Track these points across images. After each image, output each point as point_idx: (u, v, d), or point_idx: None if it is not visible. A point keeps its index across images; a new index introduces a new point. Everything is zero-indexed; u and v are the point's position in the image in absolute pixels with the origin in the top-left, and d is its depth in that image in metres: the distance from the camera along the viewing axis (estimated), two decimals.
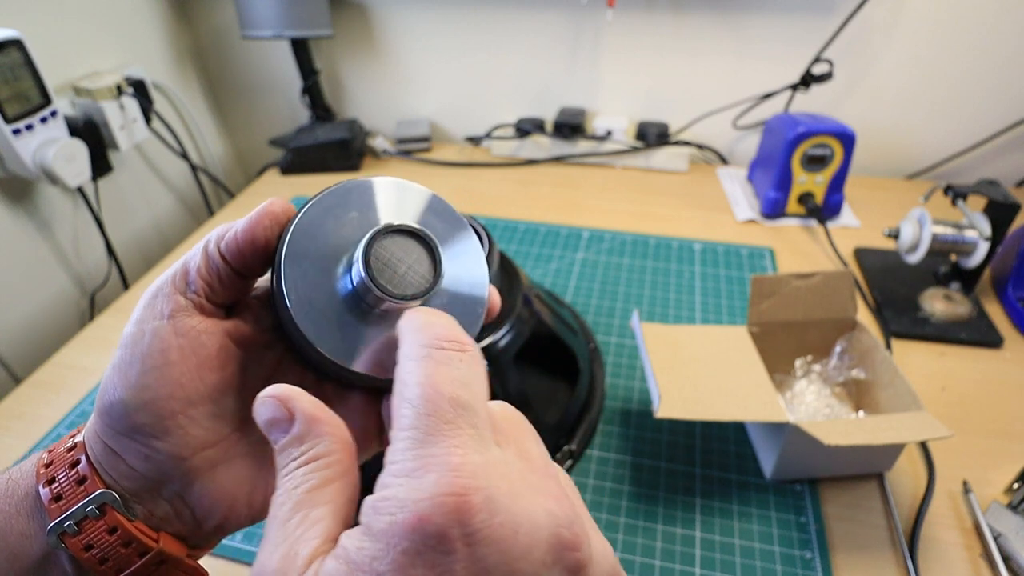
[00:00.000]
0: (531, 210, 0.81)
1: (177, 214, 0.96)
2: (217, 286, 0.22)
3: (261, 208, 0.22)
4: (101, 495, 0.21)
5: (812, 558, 0.42)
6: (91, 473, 0.21)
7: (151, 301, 0.23)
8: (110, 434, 0.21)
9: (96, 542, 0.21)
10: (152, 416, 0.21)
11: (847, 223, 0.77)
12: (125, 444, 0.21)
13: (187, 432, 0.21)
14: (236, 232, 0.22)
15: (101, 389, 0.22)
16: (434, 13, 0.92)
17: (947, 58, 0.80)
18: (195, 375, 0.21)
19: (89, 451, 0.22)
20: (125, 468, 0.21)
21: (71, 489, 0.21)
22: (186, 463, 0.21)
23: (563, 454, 0.48)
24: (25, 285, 0.72)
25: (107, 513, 0.21)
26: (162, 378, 0.21)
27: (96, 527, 0.21)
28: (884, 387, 0.47)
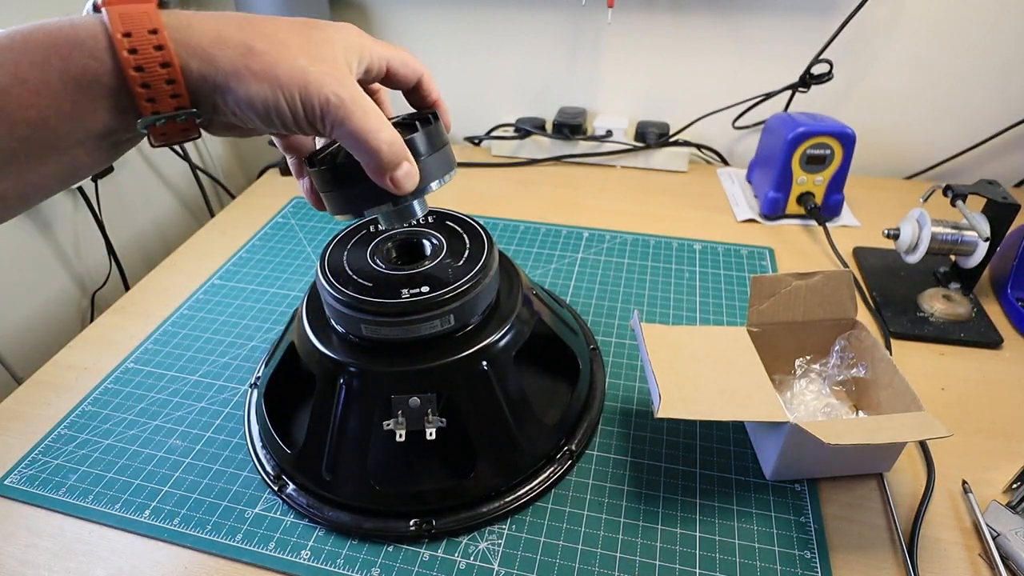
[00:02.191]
0: (531, 210, 0.81)
1: (177, 214, 0.96)
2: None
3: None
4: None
5: (812, 558, 0.42)
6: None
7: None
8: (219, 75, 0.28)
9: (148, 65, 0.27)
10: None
11: (847, 223, 0.77)
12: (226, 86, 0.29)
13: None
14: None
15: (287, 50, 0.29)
16: (434, 13, 0.92)
17: (947, 58, 0.80)
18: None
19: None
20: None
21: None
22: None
23: (563, 454, 0.48)
24: (25, 285, 0.72)
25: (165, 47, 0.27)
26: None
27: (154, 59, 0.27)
28: (884, 387, 0.47)
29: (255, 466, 0.49)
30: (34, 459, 0.50)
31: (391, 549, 0.43)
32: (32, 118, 0.25)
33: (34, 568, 0.43)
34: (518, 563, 0.42)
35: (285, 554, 0.43)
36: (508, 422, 0.44)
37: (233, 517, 0.45)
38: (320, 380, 0.45)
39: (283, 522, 0.45)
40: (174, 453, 0.50)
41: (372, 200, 0.35)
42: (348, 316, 0.42)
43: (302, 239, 0.77)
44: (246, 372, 0.58)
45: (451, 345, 0.43)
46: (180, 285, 0.70)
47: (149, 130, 0.28)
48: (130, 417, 0.54)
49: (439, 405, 0.42)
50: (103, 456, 0.50)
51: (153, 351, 0.60)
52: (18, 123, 0.25)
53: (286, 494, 0.46)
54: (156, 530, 0.45)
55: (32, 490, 0.48)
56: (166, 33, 0.27)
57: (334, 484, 0.44)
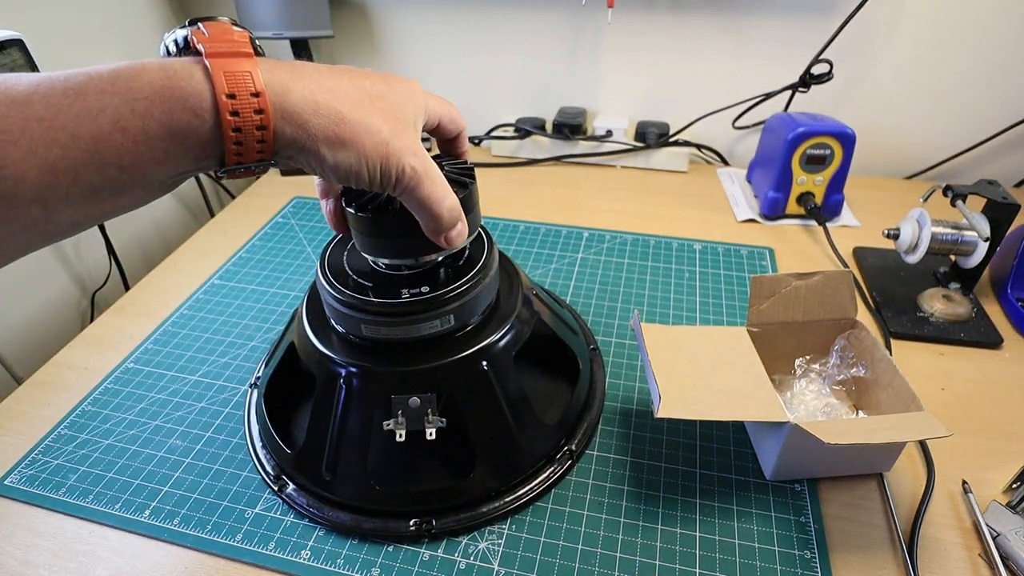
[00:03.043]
0: (531, 210, 0.81)
1: (177, 214, 0.96)
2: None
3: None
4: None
5: (812, 558, 0.42)
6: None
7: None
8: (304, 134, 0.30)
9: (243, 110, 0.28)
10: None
11: (847, 223, 0.77)
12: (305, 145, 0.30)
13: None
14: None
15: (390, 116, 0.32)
16: (434, 13, 0.92)
17: (947, 58, 0.80)
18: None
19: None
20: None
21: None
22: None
23: (563, 454, 0.48)
24: (25, 285, 0.72)
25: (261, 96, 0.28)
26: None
27: (249, 104, 0.28)
28: (883, 387, 0.47)
29: (255, 466, 0.49)
30: (34, 459, 0.50)
31: (391, 549, 0.43)
32: (125, 163, 0.26)
33: (34, 568, 0.43)
34: (518, 563, 0.42)
35: (285, 554, 0.43)
36: (508, 422, 0.44)
37: (233, 517, 0.45)
38: (320, 380, 0.45)
39: (283, 522, 0.45)
40: (174, 453, 0.50)
41: (408, 252, 0.40)
42: (348, 316, 0.42)
43: (302, 239, 0.77)
44: (246, 372, 0.58)
45: (451, 345, 0.43)
46: (180, 285, 0.70)
47: (227, 174, 0.30)
48: (130, 417, 0.54)
49: (439, 405, 0.42)
50: (103, 456, 0.50)
51: (153, 351, 0.60)
52: (110, 166, 0.26)
53: (286, 494, 0.46)
54: (156, 530, 0.45)
55: (32, 490, 0.48)
56: (268, 98, 0.28)
57: (334, 484, 0.44)
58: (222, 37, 0.29)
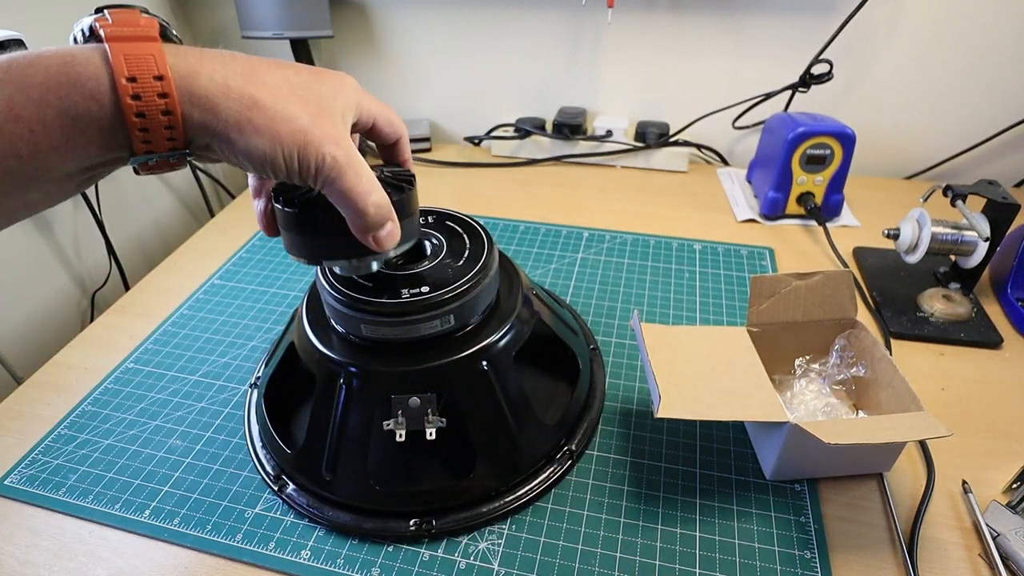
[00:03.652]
0: (531, 210, 0.81)
1: (177, 214, 0.96)
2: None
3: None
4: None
5: (812, 558, 0.42)
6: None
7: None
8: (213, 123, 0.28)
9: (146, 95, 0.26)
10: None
11: (847, 223, 0.77)
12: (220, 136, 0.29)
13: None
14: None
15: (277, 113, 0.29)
16: (434, 13, 0.92)
17: (947, 58, 0.80)
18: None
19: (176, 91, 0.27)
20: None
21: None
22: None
23: (563, 454, 0.48)
24: (25, 285, 0.72)
25: (165, 79, 0.27)
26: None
27: (152, 89, 0.27)
28: (883, 387, 0.47)
29: (255, 466, 0.49)
30: (34, 459, 0.50)
31: (391, 549, 0.43)
32: (22, 153, 0.25)
33: (34, 568, 0.43)
34: (518, 563, 0.42)
35: (285, 554, 0.43)
36: (508, 422, 0.44)
37: (233, 517, 0.45)
38: (320, 380, 0.45)
39: (283, 522, 0.45)
40: (174, 453, 0.50)
41: (337, 252, 0.37)
42: (348, 316, 0.42)
43: None
44: (246, 372, 0.58)
45: (451, 345, 0.43)
46: (180, 285, 0.70)
47: (139, 166, 0.29)
48: (130, 417, 0.54)
49: (439, 405, 0.42)
50: (103, 456, 0.50)
51: (153, 351, 0.60)
52: (7, 156, 0.25)
53: (286, 494, 0.46)
54: (156, 530, 0.45)
55: (32, 490, 0.48)
56: (172, 81, 0.27)
57: (334, 484, 0.44)
58: (127, 22, 0.28)
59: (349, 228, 0.34)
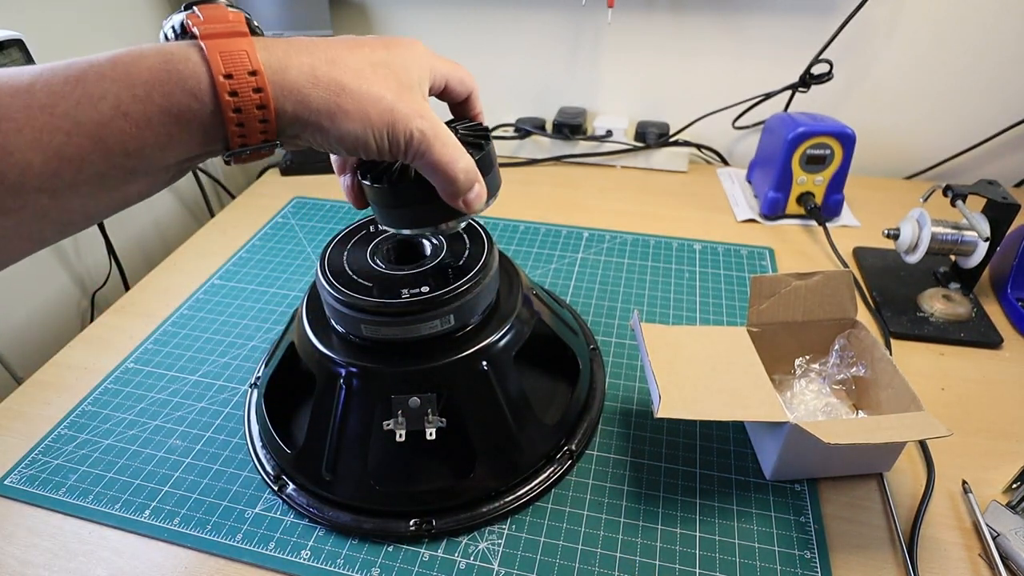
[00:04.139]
0: (531, 210, 0.81)
1: (177, 214, 0.96)
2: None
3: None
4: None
5: (812, 558, 0.42)
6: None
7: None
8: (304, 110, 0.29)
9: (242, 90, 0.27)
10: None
11: (847, 223, 0.77)
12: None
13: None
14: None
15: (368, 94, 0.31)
16: (434, 13, 0.92)
17: (947, 58, 0.80)
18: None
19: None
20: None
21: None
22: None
23: (563, 454, 0.48)
24: (25, 285, 0.72)
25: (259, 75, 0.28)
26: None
27: (248, 84, 0.28)
28: (883, 387, 0.47)
29: (255, 466, 0.49)
30: (34, 459, 0.50)
31: (391, 549, 0.43)
32: (129, 148, 0.26)
33: (34, 568, 0.43)
34: (518, 563, 0.42)
35: (285, 554, 0.43)
36: (508, 422, 0.44)
37: (233, 517, 0.45)
38: (320, 380, 0.45)
39: (283, 522, 0.45)
40: (174, 453, 0.50)
41: (429, 219, 0.38)
42: (348, 316, 0.42)
43: (302, 239, 0.77)
44: (246, 372, 0.58)
45: (451, 345, 0.43)
46: (180, 285, 0.70)
47: (233, 157, 0.30)
48: (130, 417, 0.54)
49: (439, 405, 0.42)
50: (103, 456, 0.50)
51: (153, 351, 0.60)
52: (115, 152, 0.26)
53: (286, 494, 0.46)
54: (156, 530, 0.45)
55: (32, 490, 0.48)
56: (265, 76, 0.28)
57: (334, 484, 0.44)
58: (217, 18, 0.29)
59: (437, 195, 0.35)
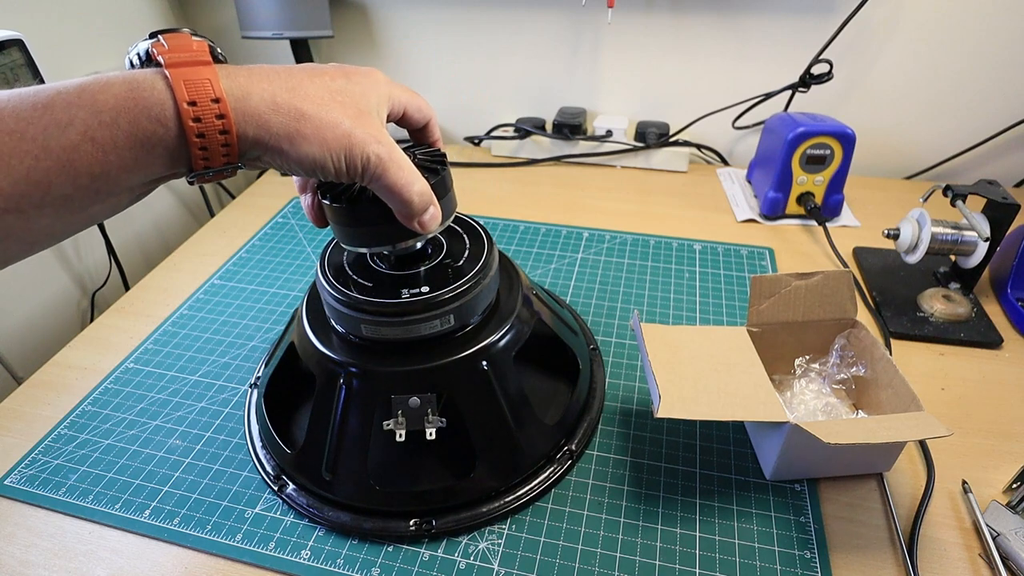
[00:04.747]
0: (531, 210, 0.81)
1: (177, 214, 0.96)
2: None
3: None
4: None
5: (812, 558, 0.42)
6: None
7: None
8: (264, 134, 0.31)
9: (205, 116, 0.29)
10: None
11: (847, 223, 0.77)
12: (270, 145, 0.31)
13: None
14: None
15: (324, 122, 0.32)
16: (434, 13, 0.92)
17: (947, 58, 0.80)
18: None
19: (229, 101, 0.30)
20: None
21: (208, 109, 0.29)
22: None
23: (563, 454, 0.48)
24: (25, 285, 0.72)
25: (221, 102, 0.29)
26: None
27: (210, 111, 0.29)
28: (883, 387, 0.47)
29: (255, 466, 0.49)
30: (34, 459, 0.50)
31: (391, 549, 0.43)
32: (95, 171, 0.27)
33: (34, 568, 0.43)
34: (518, 563, 0.42)
35: (285, 554, 0.43)
36: (508, 422, 0.44)
37: (233, 517, 0.45)
38: (320, 380, 0.45)
39: (283, 522, 0.45)
40: (174, 453, 0.50)
41: (385, 239, 0.40)
42: (348, 316, 0.42)
43: (302, 239, 0.77)
44: (246, 372, 0.58)
45: (451, 345, 0.43)
46: (180, 285, 0.70)
47: (196, 178, 0.31)
48: (130, 417, 0.54)
49: (439, 405, 0.42)
50: (103, 456, 0.50)
51: (153, 351, 0.60)
52: (82, 175, 0.27)
53: (286, 494, 0.46)
54: (156, 530, 0.45)
55: (32, 490, 0.48)
56: (228, 103, 0.29)
57: (334, 484, 0.44)
58: (182, 47, 0.30)
59: (393, 215, 0.37)
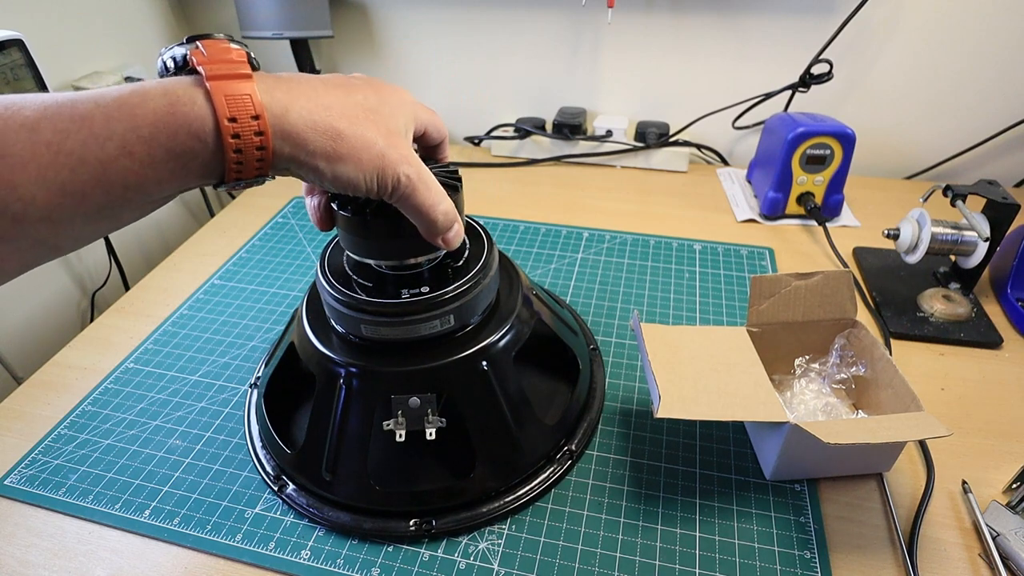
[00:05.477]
0: (531, 210, 0.81)
1: (177, 214, 0.96)
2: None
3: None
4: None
5: (812, 558, 0.42)
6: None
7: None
8: (297, 152, 0.31)
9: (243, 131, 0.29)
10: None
11: (847, 223, 0.77)
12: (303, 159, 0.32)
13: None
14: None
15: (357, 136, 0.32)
16: (434, 13, 0.92)
17: (947, 58, 0.80)
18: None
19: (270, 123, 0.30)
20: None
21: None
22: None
23: (563, 454, 0.48)
24: (25, 285, 0.72)
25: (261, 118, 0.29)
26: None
27: (249, 125, 0.29)
28: (883, 387, 0.47)
29: (255, 466, 0.49)
30: (34, 459, 0.50)
31: (391, 549, 0.43)
32: (130, 183, 0.28)
33: (34, 568, 0.43)
34: (518, 563, 0.42)
35: (285, 554, 0.43)
36: (508, 422, 0.44)
37: (233, 517, 0.45)
38: (320, 380, 0.45)
39: (283, 522, 0.45)
40: (174, 453, 0.50)
41: (401, 253, 0.41)
42: (348, 316, 0.42)
43: (302, 239, 0.77)
44: (246, 372, 0.58)
45: (451, 345, 0.43)
46: (180, 285, 0.70)
47: (225, 188, 0.31)
48: (130, 417, 0.54)
49: (439, 405, 0.42)
50: (103, 456, 0.50)
51: (153, 351, 0.60)
52: (116, 187, 0.27)
53: (286, 494, 0.46)
54: (156, 530, 0.45)
55: (32, 490, 0.48)
56: (267, 120, 0.29)
57: (334, 484, 0.44)
58: (221, 57, 0.30)
59: (406, 233, 0.38)
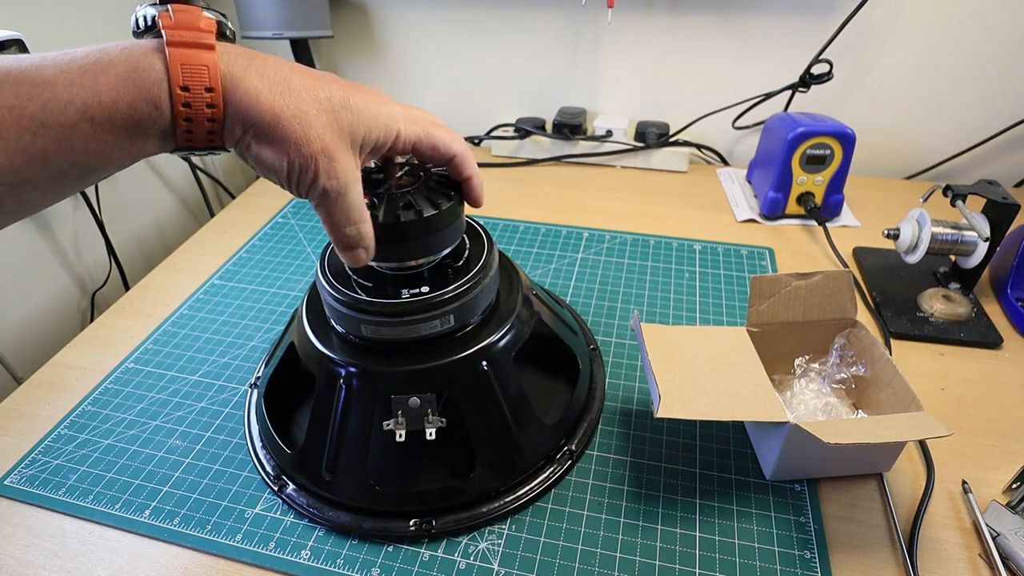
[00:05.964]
0: (531, 210, 0.81)
1: (177, 214, 0.96)
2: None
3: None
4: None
5: (812, 558, 0.42)
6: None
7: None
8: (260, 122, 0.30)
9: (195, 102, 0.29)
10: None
11: (847, 223, 0.77)
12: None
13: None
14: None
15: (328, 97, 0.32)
16: (434, 13, 0.92)
17: (947, 58, 0.80)
18: None
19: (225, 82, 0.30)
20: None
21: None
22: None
23: (563, 454, 0.48)
24: (25, 285, 0.72)
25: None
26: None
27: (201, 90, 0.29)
28: (883, 387, 0.47)
29: (255, 466, 0.49)
30: (34, 459, 0.50)
31: (391, 549, 0.43)
32: (91, 149, 0.28)
33: (34, 568, 0.43)
34: (518, 563, 0.42)
35: (285, 554, 0.43)
36: (508, 422, 0.44)
37: (233, 517, 0.45)
38: (320, 380, 0.45)
39: (283, 522, 0.45)
40: (174, 453, 0.50)
41: (388, 257, 0.41)
42: (348, 316, 0.42)
43: (302, 239, 0.77)
44: (246, 372, 0.58)
45: (451, 345, 0.43)
46: (180, 285, 0.70)
47: (180, 153, 0.32)
48: (130, 417, 0.54)
49: (439, 405, 0.42)
50: (103, 456, 0.50)
51: (153, 351, 0.60)
52: (78, 152, 0.28)
53: (286, 494, 0.46)
54: (156, 530, 0.45)
55: (32, 490, 0.48)
56: (220, 93, 0.29)
57: (334, 484, 0.44)
58: (187, 24, 0.29)
59: (400, 238, 0.38)
